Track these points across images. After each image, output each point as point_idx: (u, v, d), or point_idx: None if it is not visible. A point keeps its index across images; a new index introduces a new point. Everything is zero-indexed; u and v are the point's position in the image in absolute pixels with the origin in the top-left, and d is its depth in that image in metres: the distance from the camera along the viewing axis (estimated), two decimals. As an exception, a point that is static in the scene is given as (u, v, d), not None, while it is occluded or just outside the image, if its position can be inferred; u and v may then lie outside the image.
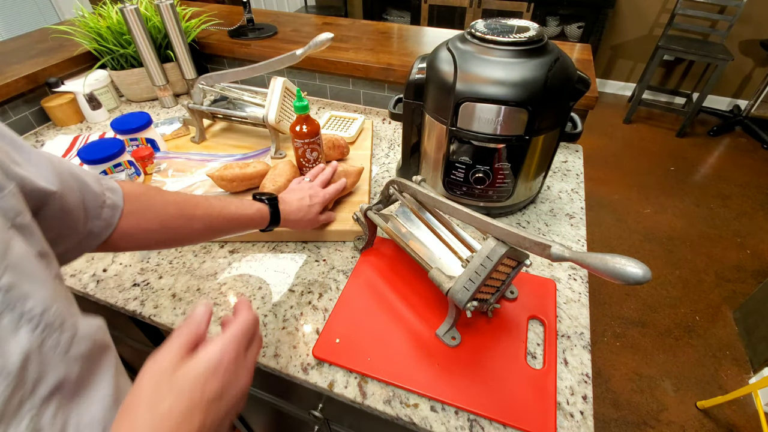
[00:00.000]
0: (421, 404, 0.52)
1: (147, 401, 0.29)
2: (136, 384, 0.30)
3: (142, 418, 0.28)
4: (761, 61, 2.84)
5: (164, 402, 0.29)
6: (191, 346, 0.33)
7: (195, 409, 0.29)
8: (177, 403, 0.29)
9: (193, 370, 0.31)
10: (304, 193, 0.67)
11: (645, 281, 0.34)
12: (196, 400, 0.29)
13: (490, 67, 0.62)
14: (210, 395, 0.30)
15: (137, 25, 0.99)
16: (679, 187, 2.39)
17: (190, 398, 0.29)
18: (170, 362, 0.31)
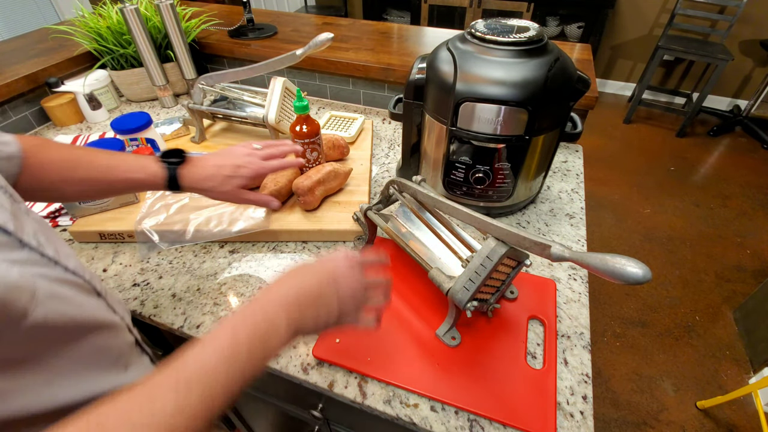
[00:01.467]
0: (421, 404, 0.52)
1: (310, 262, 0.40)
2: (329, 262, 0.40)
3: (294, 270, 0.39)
4: (761, 61, 2.84)
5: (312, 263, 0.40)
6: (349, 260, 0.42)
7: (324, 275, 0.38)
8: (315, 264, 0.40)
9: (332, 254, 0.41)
10: (232, 161, 0.56)
11: (645, 281, 0.34)
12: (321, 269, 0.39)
13: (490, 67, 0.62)
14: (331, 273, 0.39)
15: (137, 25, 0.99)
16: (679, 187, 2.39)
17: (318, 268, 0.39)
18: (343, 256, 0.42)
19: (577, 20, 3.04)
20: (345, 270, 0.40)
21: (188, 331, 0.60)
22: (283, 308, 0.34)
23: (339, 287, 0.38)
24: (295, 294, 0.35)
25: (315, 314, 0.36)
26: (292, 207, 0.77)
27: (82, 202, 0.73)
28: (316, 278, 0.37)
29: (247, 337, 0.32)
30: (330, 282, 0.38)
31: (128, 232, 0.73)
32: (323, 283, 0.37)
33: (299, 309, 0.35)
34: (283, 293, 0.35)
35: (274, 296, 0.35)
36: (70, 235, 0.75)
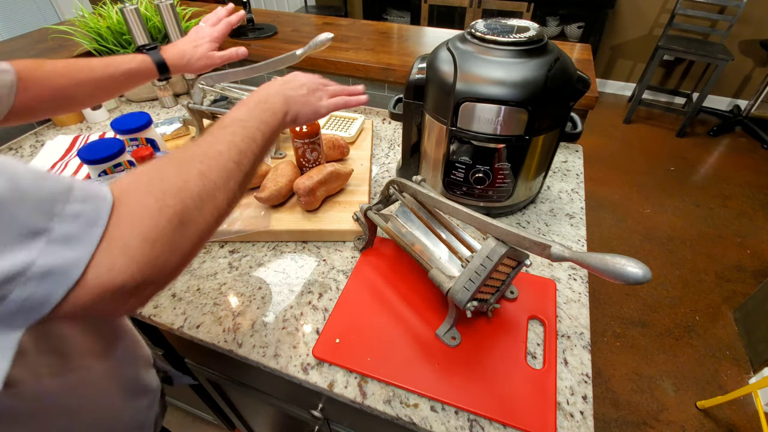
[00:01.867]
0: (421, 404, 0.52)
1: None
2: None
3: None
4: (761, 61, 2.84)
5: None
6: None
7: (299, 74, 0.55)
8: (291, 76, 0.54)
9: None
10: (189, 36, 0.72)
11: (645, 281, 0.34)
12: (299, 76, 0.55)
13: (490, 67, 0.62)
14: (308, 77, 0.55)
15: (137, 25, 0.99)
16: (679, 187, 2.39)
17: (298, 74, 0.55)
18: None
19: (577, 20, 3.04)
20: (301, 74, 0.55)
21: (188, 331, 0.60)
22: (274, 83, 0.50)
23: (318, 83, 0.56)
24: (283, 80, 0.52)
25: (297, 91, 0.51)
26: (293, 207, 0.77)
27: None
28: (282, 78, 0.53)
29: (256, 102, 0.45)
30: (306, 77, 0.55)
31: (128, 232, 0.73)
32: (300, 77, 0.54)
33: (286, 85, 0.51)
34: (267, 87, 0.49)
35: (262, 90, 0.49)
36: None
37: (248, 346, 0.58)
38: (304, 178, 0.73)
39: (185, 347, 0.83)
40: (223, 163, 0.35)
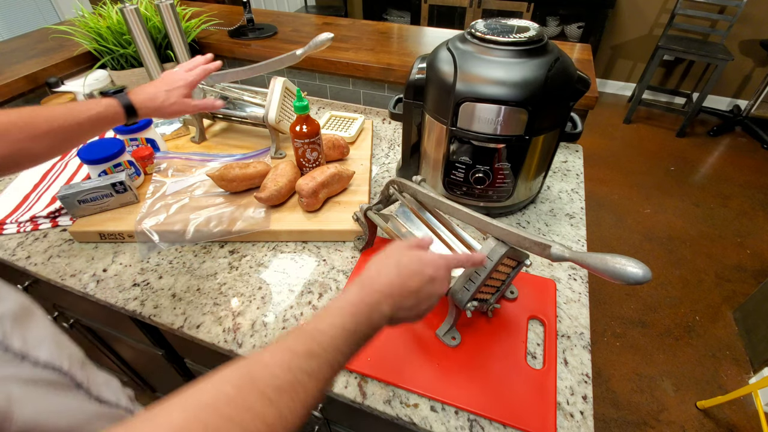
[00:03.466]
0: (421, 404, 0.52)
1: (394, 255, 0.42)
2: (387, 248, 0.44)
3: (391, 261, 0.41)
4: (761, 61, 2.84)
5: (403, 259, 0.42)
6: (418, 248, 0.45)
7: (419, 274, 0.41)
8: (411, 263, 0.41)
9: (424, 255, 0.43)
10: (164, 79, 0.67)
11: (645, 281, 0.34)
12: (420, 270, 0.41)
13: (490, 67, 0.62)
14: (429, 273, 0.41)
15: (137, 25, 0.99)
16: (679, 187, 2.39)
17: (417, 267, 0.41)
18: (408, 244, 0.45)
19: (577, 20, 3.04)
20: (443, 273, 0.43)
21: (188, 331, 0.60)
22: (388, 301, 0.38)
23: (433, 290, 0.42)
24: (399, 290, 0.39)
25: (407, 312, 0.41)
26: (293, 207, 0.77)
27: (83, 202, 0.73)
28: (417, 279, 0.40)
29: (358, 321, 0.35)
30: (428, 283, 0.41)
31: (128, 232, 0.73)
32: (423, 284, 0.41)
33: (398, 304, 0.39)
34: (387, 285, 0.39)
35: (379, 287, 0.38)
36: (70, 235, 0.75)
37: (248, 346, 0.58)
38: (307, 179, 0.73)
39: (185, 347, 0.83)
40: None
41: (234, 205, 0.76)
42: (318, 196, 0.74)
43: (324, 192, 0.75)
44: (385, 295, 0.38)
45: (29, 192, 0.84)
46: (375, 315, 0.36)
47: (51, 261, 0.72)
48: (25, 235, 0.77)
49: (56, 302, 0.96)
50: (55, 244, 0.75)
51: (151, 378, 1.23)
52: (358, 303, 0.36)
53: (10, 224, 0.78)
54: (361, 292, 0.37)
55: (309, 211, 0.76)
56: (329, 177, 0.75)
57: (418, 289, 0.40)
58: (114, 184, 0.74)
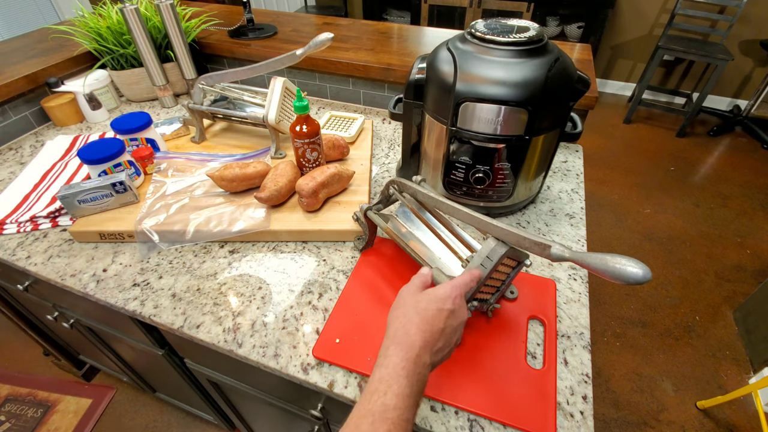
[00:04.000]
0: (421, 404, 0.52)
1: (410, 303, 0.43)
2: (397, 299, 0.45)
3: (410, 309, 0.42)
4: (761, 61, 2.84)
5: (421, 303, 0.42)
6: (424, 287, 0.47)
7: (441, 312, 0.42)
8: (429, 305, 0.42)
9: (436, 292, 0.44)
10: None
11: (645, 281, 0.34)
12: (440, 307, 0.42)
13: (490, 67, 0.62)
14: (448, 308, 0.42)
15: (137, 25, 0.99)
16: (679, 187, 2.39)
17: (437, 306, 0.42)
18: (416, 288, 0.46)
19: (577, 20, 3.04)
20: (459, 302, 0.44)
21: (188, 331, 0.60)
22: (426, 351, 0.39)
23: (457, 322, 0.44)
24: (431, 336, 0.40)
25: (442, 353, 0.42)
26: (293, 207, 0.77)
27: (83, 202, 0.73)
28: (441, 318, 0.42)
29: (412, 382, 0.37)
30: (451, 318, 0.43)
31: (128, 232, 0.73)
32: (447, 321, 0.42)
33: (434, 349, 0.40)
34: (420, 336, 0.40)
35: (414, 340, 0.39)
36: (70, 235, 0.75)
37: (248, 346, 0.58)
38: (307, 179, 0.73)
39: (185, 347, 0.83)
40: None
41: (234, 205, 0.76)
42: (318, 196, 0.74)
43: (324, 192, 0.75)
44: (422, 347, 0.39)
45: (29, 192, 0.84)
46: (421, 369, 0.38)
47: (51, 261, 0.72)
48: (25, 235, 0.77)
49: (56, 302, 0.96)
50: (55, 244, 0.75)
51: (151, 378, 1.24)
52: (405, 364, 0.37)
53: (10, 224, 0.78)
54: (402, 351, 0.38)
55: (309, 211, 0.76)
56: (329, 177, 0.75)
57: (445, 327, 0.42)
58: (114, 184, 0.74)
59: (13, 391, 1.43)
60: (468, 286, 0.46)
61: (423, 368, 0.38)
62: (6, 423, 1.33)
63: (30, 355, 1.56)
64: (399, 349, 0.38)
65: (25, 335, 1.28)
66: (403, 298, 0.45)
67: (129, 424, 1.37)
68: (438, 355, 0.41)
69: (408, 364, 0.37)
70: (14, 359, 1.56)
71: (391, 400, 0.34)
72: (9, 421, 1.34)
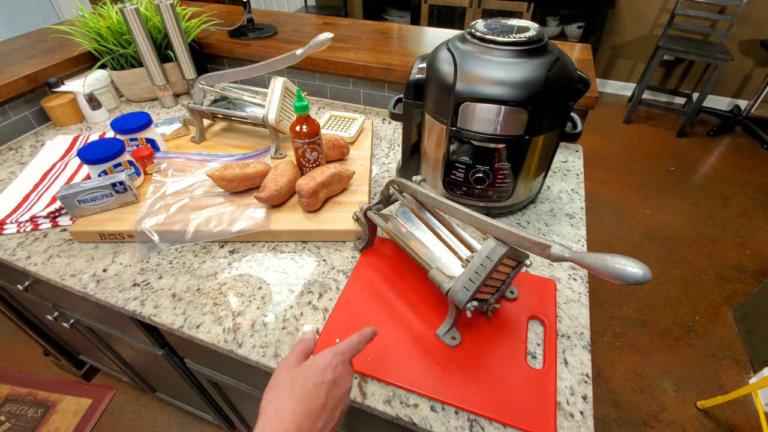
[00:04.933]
0: (421, 404, 0.52)
1: (285, 381, 0.40)
2: (273, 377, 0.41)
3: (285, 390, 0.39)
4: (761, 61, 2.84)
5: (298, 380, 0.40)
6: (305, 356, 0.44)
7: (320, 386, 0.39)
8: (306, 381, 0.39)
9: (316, 362, 0.41)
10: None
11: (645, 281, 0.34)
12: (319, 381, 0.40)
13: (490, 67, 0.62)
14: (329, 379, 0.40)
15: (137, 25, 0.99)
16: (679, 187, 2.39)
17: (315, 380, 0.40)
18: (295, 360, 0.42)
19: (577, 20, 3.04)
20: (341, 368, 0.42)
21: (188, 331, 0.60)
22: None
23: (340, 392, 0.41)
24: (306, 417, 0.37)
25: (325, 427, 0.39)
26: (293, 207, 0.77)
27: (83, 202, 0.73)
28: (320, 393, 0.39)
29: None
30: (332, 390, 0.40)
31: (128, 232, 0.73)
32: (329, 397, 0.40)
33: (312, 428, 0.38)
34: (292, 420, 0.37)
35: (286, 425, 0.36)
36: (70, 235, 0.75)
37: (248, 346, 0.58)
38: (307, 179, 0.73)
39: (185, 347, 0.83)
40: None
41: (234, 205, 0.76)
42: (318, 196, 0.74)
43: (324, 192, 0.75)
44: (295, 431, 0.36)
45: (29, 192, 0.84)
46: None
47: (51, 261, 0.72)
48: (25, 235, 0.77)
49: (56, 302, 0.96)
50: (55, 244, 0.75)
51: (151, 378, 1.24)
52: None
53: (10, 224, 0.78)
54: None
55: (309, 211, 0.76)
56: (329, 177, 0.75)
57: (326, 401, 0.39)
58: (114, 184, 0.74)
59: (13, 391, 1.43)
60: (354, 349, 0.45)
61: None
62: (6, 423, 1.33)
63: (30, 355, 1.56)
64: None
65: (25, 335, 1.28)
66: (279, 378, 0.41)
67: (129, 424, 1.37)
68: (329, 427, 0.39)
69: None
70: (14, 359, 1.56)
71: None
72: (9, 421, 1.34)
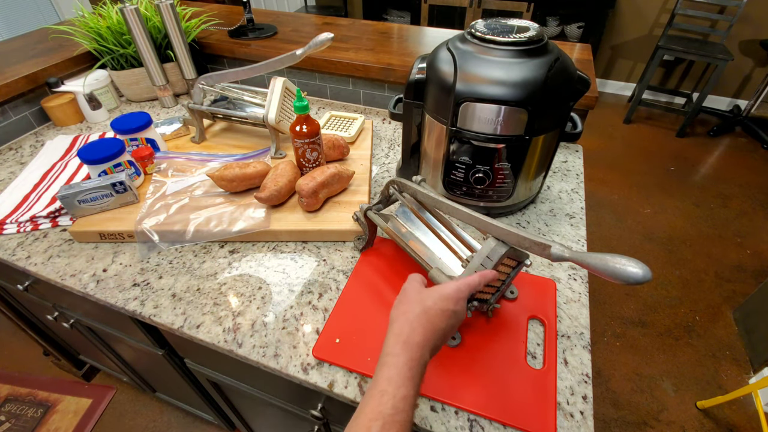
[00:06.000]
0: (421, 404, 0.52)
1: (416, 299, 0.44)
2: (401, 293, 0.46)
3: (416, 305, 0.43)
4: (761, 61, 2.84)
5: (427, 301, 0.43)
6: (424, 284, 0.47)
7: (444, 312, 0.43)
8: (435, 304, 0.43)
9: (443, 290, 0.44)
10: None
11: (645, 281, 0.34)
12: (444, 307, 0.43)
13: (490, 67, 0.62)
14: (451, 309, 0.43)
15: (137, 25, 0.99)
16: (679, 187, 2.39)
17: (442, 305, 0.43)
18: (420, 284, 0.47)
19: (577, 20, 3.04)
20: (462, 303, 0.45)
21: (188, 331, 0.60)
22: (428, 350, 0.41)
23: (457, 321, 0.45)
24: (432, 335, 0.41)
25: (438, 347, 0.43)
26: (293, 207, 0.77)
27: (83, 202, 0.73)
28: (445, 317, 0.43)
29: (416, 382, 0.38)
30: (452, 317, 0.44)
31: (128, 232, 0.73)
32: (449, 323, 0.43)
33: (433, 345, 0.42)
34: (423, 336, 0.41)
35: (419, 340, 0.40)
36: (70, 235, 0.75)
37: (248, 346, 0.58)
38: (307, 179, 0.73)
39: (185, 347, 0.83)
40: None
41: (234, 205, 0.76)
42: (318, 196, 0.74)
43: (324, 192, 0.75)
44: (424, 347, 0.40)
45: (29, 192, 0.84)
46: (422, 369, 0.39)
47: (51, 261, 0.72)
48: (25, 235, 0.77)
49: (56, 302, 0.96)
50: (55, 244, 0.75)
51: (151, 378, 1.24)
52: (411, 364, 0.38)
53: (10, 224, 0.78)
54: (409, 352, 0.39)
55: (309, 211, 0.76)
56: (329, 177, 0.75)
57: (446, 327, 0.43)
58: (114, 184, 0.74)
59: (13, 391, 1.43)
60: (474, 288, 0.47)
61: (423, 367, 0.39)
62: (6, 423, 1.33)
63: (30, 355, 1.56)
64: (406, 348, 0.39)
65: (25, 335, 1.28)
66: (407, 294, 0.45)
67: (129, 424, 1.37)
68: (434, 353, 0.42)
69: (414, 365, 0.38)
70: (14, 359, 1.56)
71: (399, 403, 0.35)
72: (9, 421, 1.34)
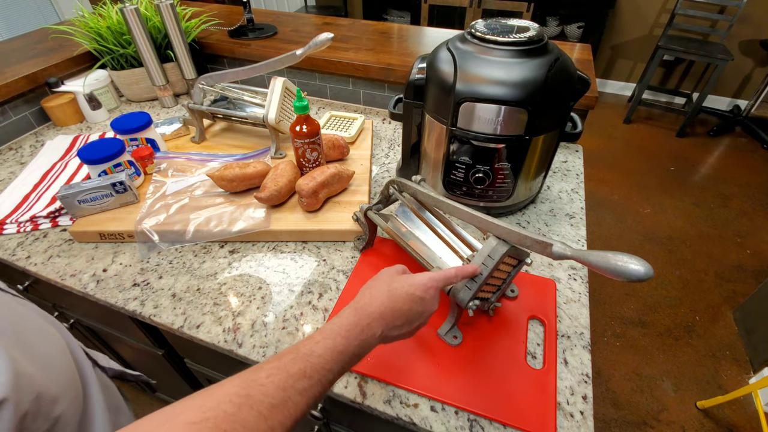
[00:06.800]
0: (421, 404, 0.52)
1: (385, 281, 0.44)
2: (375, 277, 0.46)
3: (383, 286, 0.44)
4: (761, 61, 2.84)
5: (394, 284, 0.44)
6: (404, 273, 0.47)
7: (410, 296, 0.43)
8: (401, 288, 0.43)
9: (414, 278, 0.45)
10: None
11: (647, 278, 0.34)
12: (410, 292, 0.43)
13: (490, 67, 0.62)
14: (419, 295, 0.44)
15: (137, 25, 0.99)
16: (679, 187, 2.39)
17: (408, 290, 0.43)
18: (395, 271, 0.47)
19: (577, 20, 3.04)
20: (432, 293, 0.45)
21: (188, 331, 0.60)
22: (380, 323, 0.41)
23: (423, 309, 0.44)
24: (390, 312, 0.42)
25: (398, 331, 0.43)
26: (293, 207, 0.77)
27: (83, 202, 0.73)
28: (408, 300, 0.43)
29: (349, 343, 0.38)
30: (417, 303, 0.44)
31: (128, 232, 0.73)
32: (413, 308, 0.43)
33: (390, 324, 0.42)
34: (379, 308, 0.41)
35: (371, 309, 0.41)
36: (70, 235, 0.75)
37: (248, 346, 0.58)
38: (307, 179, 0.73)
39: (185, 347, 0.83)
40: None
41: (234, 205, 0.76)
42: (318, 196, 0.74)
43: (324, 192, 0.75)
44: (376, 318, 0.41)
45: (29, 192, 0.84)
46: (366, 336, 0.39)
47: (51, 261, 0.72)
48: (25, 235, 0.77)
49: (56, 302, 0.96)
50: (55, 244, 0.75)
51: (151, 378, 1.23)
52: (350, 326, 0.39)
53: (10, 224, 0.78)
54: (355, 316, 0.40)
55: (309, 211, 0.76)
56: (329, 177, 0.75)
57: (408, 309, 0.43)
58: (114, 184, 0.74)
59: (13, 392, 1.43)
60: (449, 281, 0.47)
61: (370, 337, 0.39)
62: (6, 423, 1.33)
63: (30, 356, 1.56)
64: (353, 313, 0.40)
65: (25, 335, 1.28)
66: (380, 278, 0.46)
67: (129, 424, 1.37)
68: (393, 332, 0.42)
69: (353, 328, 0.39)
70: (14, 359, 1.55)
71: (319, 349, 0.35)
72: (9, 422, 1.33)
